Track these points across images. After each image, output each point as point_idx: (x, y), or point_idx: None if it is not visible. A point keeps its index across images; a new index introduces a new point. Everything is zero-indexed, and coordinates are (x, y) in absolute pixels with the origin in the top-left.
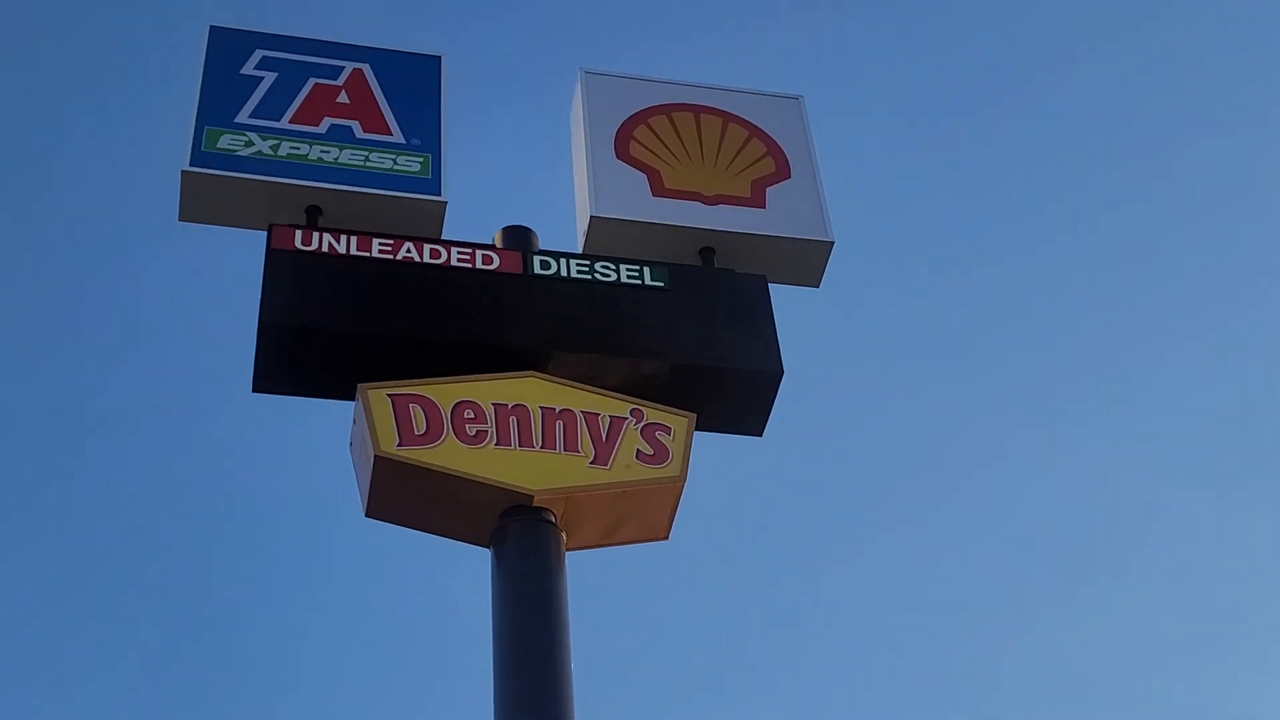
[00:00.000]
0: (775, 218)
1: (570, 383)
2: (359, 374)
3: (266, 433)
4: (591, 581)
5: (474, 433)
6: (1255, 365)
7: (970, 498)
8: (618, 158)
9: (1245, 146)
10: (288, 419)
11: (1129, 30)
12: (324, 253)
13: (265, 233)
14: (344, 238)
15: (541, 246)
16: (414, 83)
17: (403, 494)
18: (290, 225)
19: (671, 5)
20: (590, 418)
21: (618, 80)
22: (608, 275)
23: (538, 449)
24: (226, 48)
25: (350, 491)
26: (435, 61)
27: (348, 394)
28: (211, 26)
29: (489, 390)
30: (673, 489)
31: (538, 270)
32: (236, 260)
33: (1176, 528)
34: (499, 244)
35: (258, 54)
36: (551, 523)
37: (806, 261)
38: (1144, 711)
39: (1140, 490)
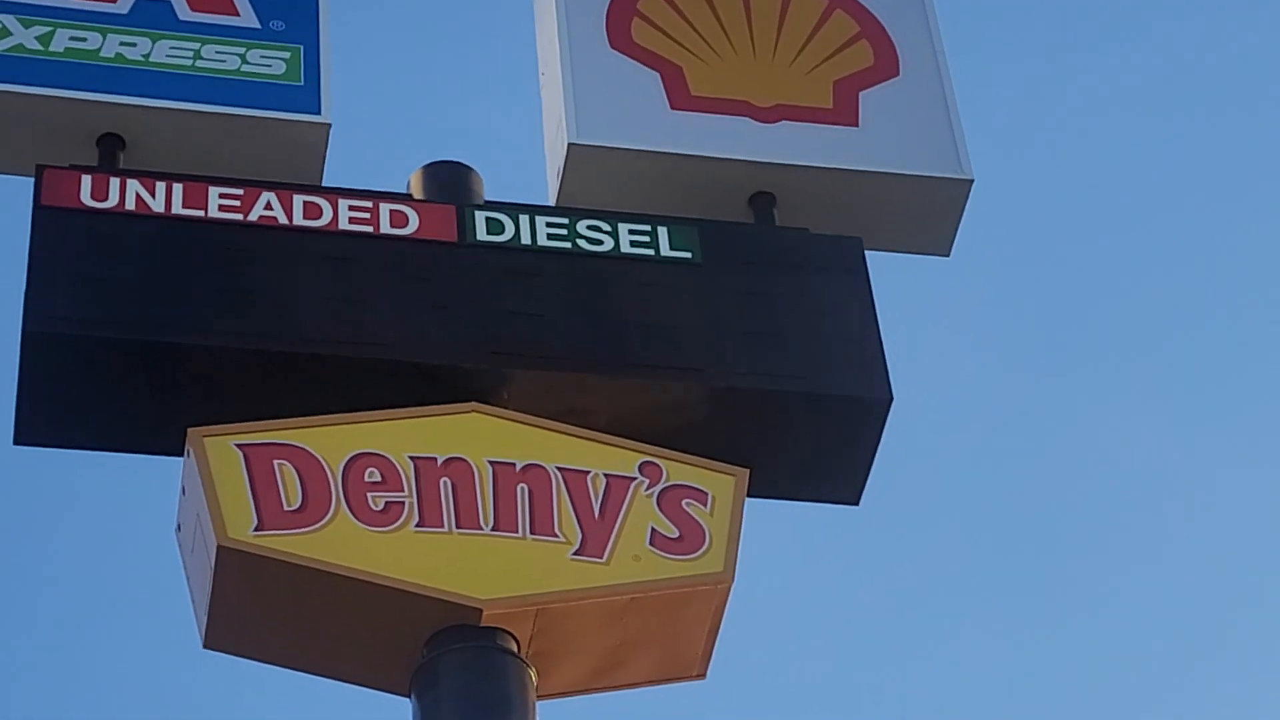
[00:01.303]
0: (875, 141)
1: (539, 420)
2: (190, 413)
3: (45, 511)
4: None
5: (381, 505)
6: None
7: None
8: (613, 47)
9: None
10: (78, 487)
11: None
12: (129, 212)
13: (31, 180)
14: (162, 186)
15: (488, 196)
16: None
17: (264, 609)
18: (73, 167)
19: None
20: (573, 478)
21: None
22: (599, 242)
23: (486, 532)
24: None
25: (180, 603)
26: None
27: (171, 446)
28: None
29: (405, 435)
30: (713, 595)
31: (483, 235)
32: None
33: None
34: (419, 193)
35: None
36: (512, 654)
37: (928, 213)
38: None
39: None
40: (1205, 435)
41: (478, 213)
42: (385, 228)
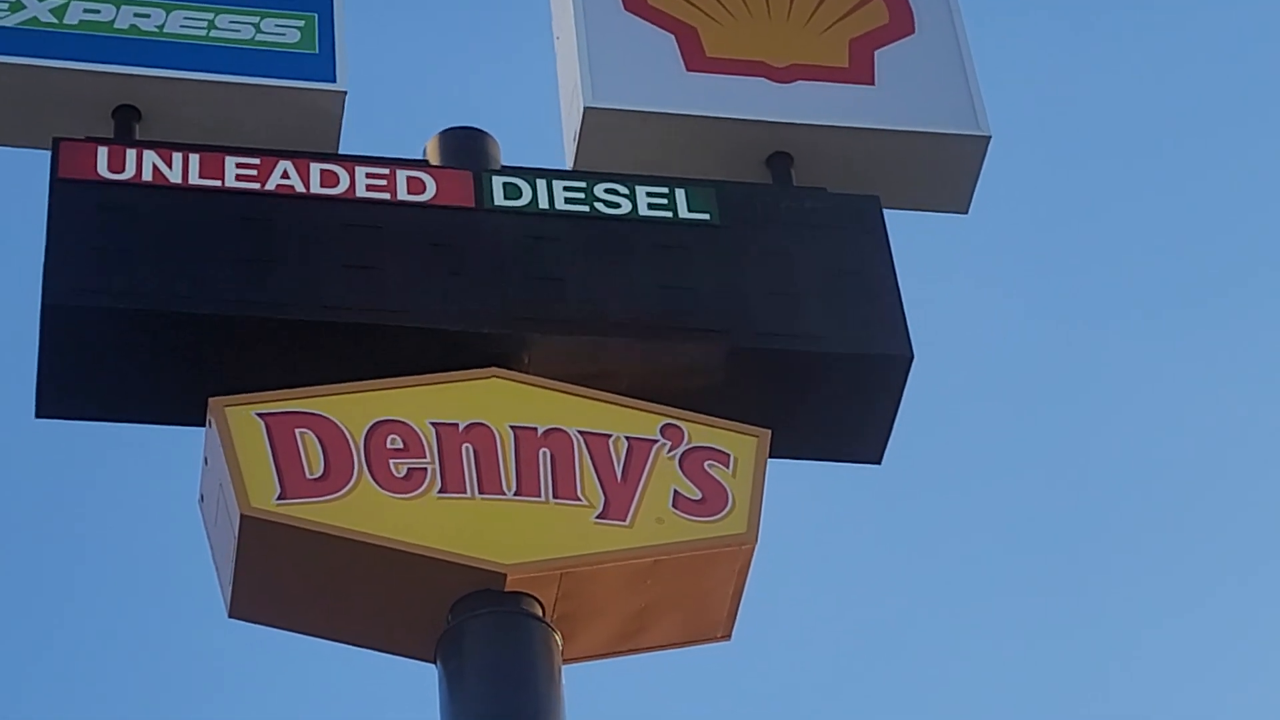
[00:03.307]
0: (891, 99)
1: (560, 385)
2: (210, 383)
3: (69, 484)
4: (606, 712)
5: (404, 472)
6: None
7: None
8: (627, 10)
9: None
10: (100, 459)
11: None
12: (146, 184)
13: (49, 153)
14: (178, 157)
15: (504, 161)
16: None
17: (288, 578)
18: (90, 139)
19: None
20: (595, 442)
21: None
22: (616, 205)
23: (510, 497)
24: None
25: (205, 572)
26: None
27: (193, 415)
28: None
29: (427, 401)
30: (737, 556)
31: (500, 200)
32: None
33: None
34: (436, 159)
35: None
36: (537, 618)
37: (945, 170)
38: None
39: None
40: (1230, 391)
41: (495, 178)
42: (402, 194)
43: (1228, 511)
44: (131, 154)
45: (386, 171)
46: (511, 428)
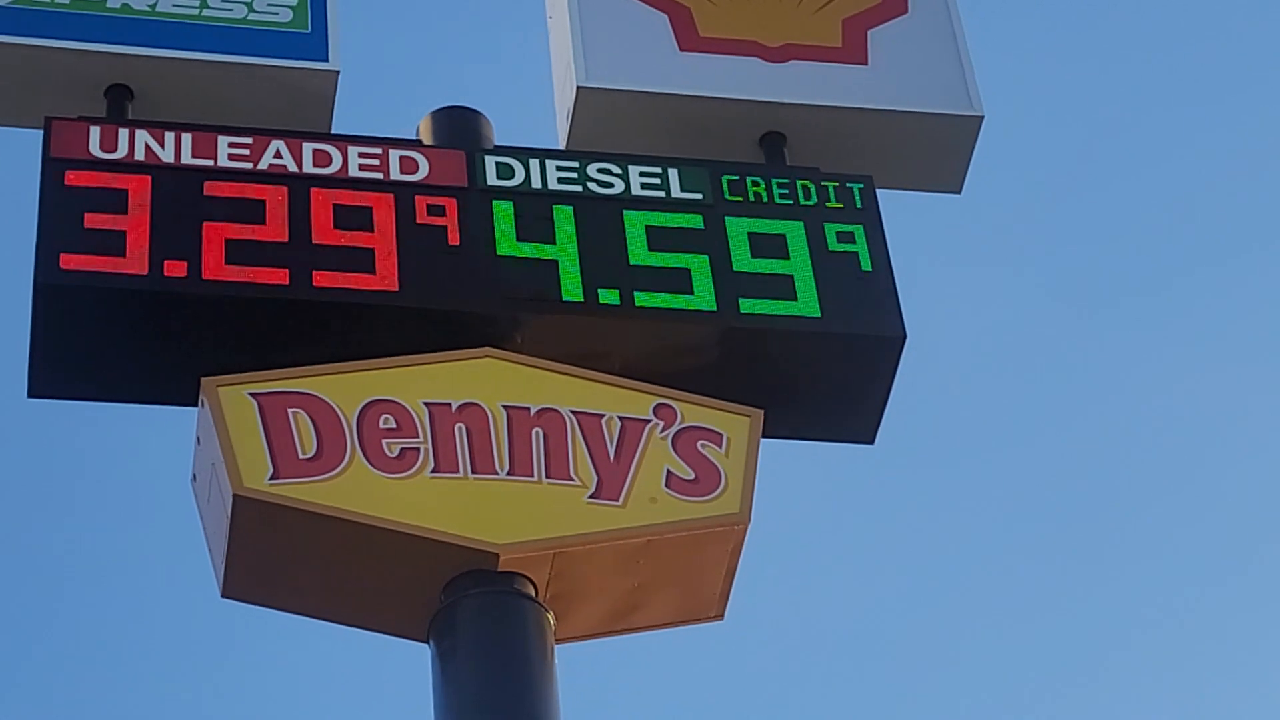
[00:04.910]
0: (884, 79)
1: (553, 365)
2: (203, 363)
3: (61, 464)
4: (599, 691)
5: (397, 452)
6: None
7: None
8: None
9: None
10: (93, 439)
11: None
12: (139, 162)
13: (40, 132)
14: (171, 136)
15: (497, 141)
16: None
17: (281, 558)
18: (82, 118)
19: None
20: (588, 422)
21: None
22: (609, 185)
23: (502, 476)
24: None
25: (198, 552)
26: None
27: (185, 395)
28: None
29: (419, 381)
30: (730, 536)
31: (493, 180)
32: None
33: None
34: (428, 139)
35: None
36: (530, 598)
37: (938, 150)
38: None
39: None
40: (1227, 370)
41: (488, 157)
42: (395, 174)
43: (1226, 490)
44: (124, 133)
45: (379, 151)
46: (504, 407)
